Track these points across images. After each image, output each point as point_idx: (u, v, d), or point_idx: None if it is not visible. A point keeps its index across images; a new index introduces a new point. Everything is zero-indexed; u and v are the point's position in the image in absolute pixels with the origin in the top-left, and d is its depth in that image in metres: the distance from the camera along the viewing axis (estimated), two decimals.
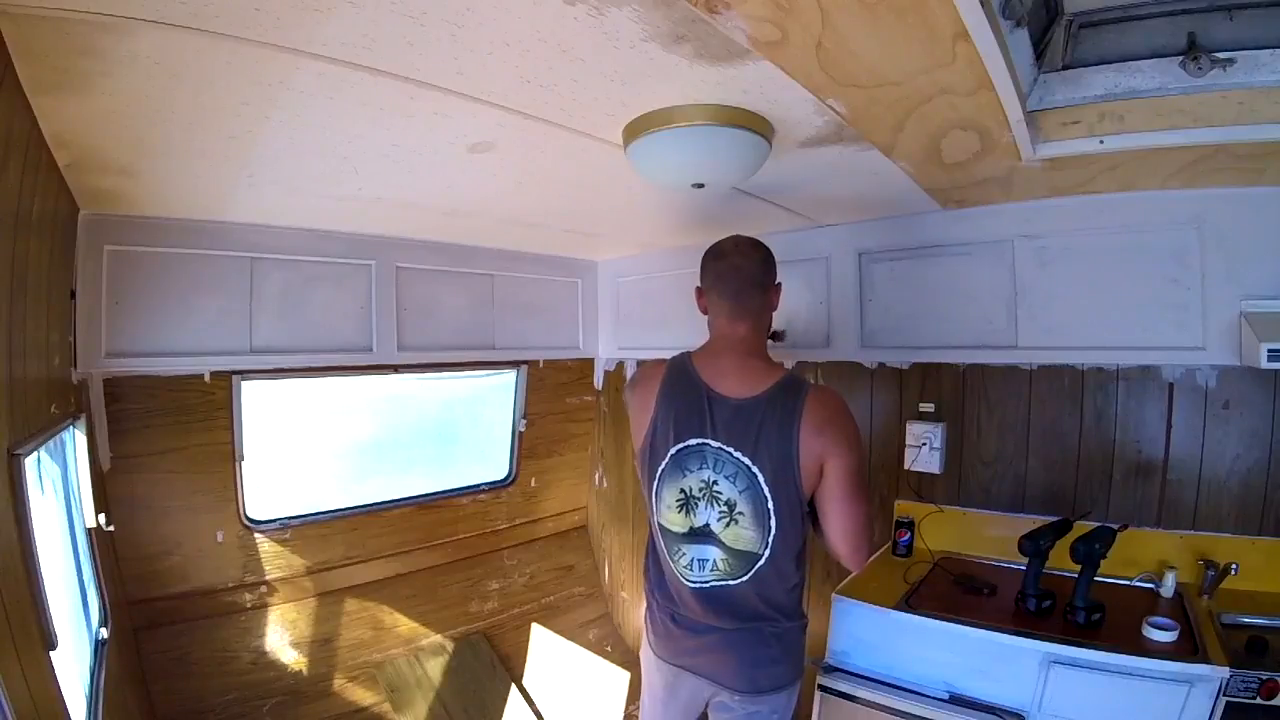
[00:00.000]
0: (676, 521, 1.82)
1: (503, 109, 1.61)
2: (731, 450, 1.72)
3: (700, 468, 1.76)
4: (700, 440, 1.75)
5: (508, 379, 3.89)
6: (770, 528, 1.71)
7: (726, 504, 1.74)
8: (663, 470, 1.81)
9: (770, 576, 1.76)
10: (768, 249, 1.86)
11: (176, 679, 2.68)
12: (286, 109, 1.59)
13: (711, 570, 1.79)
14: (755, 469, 1.70)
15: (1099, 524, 2.35)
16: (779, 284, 1.87)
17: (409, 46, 1.29)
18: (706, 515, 1.77)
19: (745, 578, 1.76)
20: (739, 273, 1.81)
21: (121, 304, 2.49)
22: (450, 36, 1.26)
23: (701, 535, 1.78)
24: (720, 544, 1.77)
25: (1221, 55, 1.71)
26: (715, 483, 1.75)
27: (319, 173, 2.12)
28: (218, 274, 2.70)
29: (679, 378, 1.82)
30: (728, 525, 1.75)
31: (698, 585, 1.82)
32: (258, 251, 2.77)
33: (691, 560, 1.81)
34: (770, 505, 1.70)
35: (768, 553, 1.73)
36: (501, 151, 1.94)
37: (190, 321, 2.65)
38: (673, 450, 1.79)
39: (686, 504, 1.79)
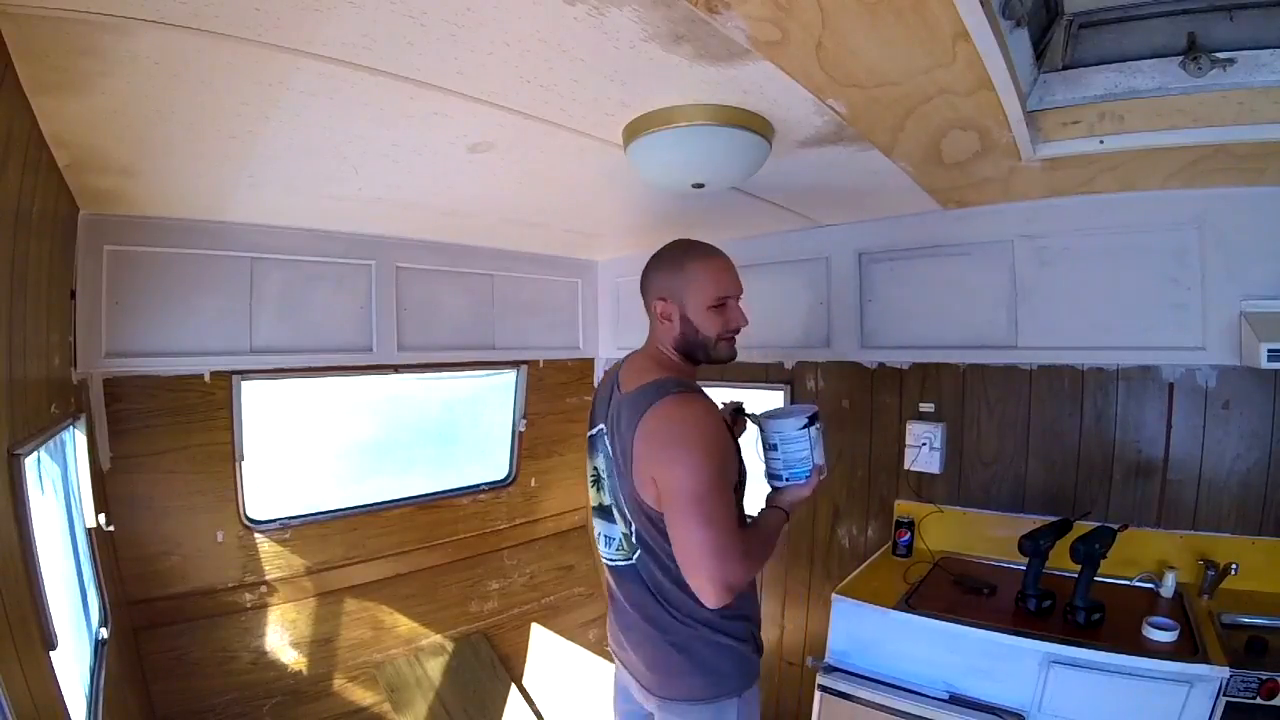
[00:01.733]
0: (593, 496, 1.89)
1: (503, 109, 1.62)
2: (606, 440, 1.77)
3: (595, 452, 1.84)
4: (598, 427, 1.83)
5: (508, 379, 3.89)
6: (629, 520, 1.73)
7: (609, 489, 1.79)
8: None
9: (650, 564, 1.74)
10: (663, 257, 1.78)
11: (177, 679, 2.67)
12: (287, 109, 1.59)
13: (617, 549, 1.81)
14: (615, 462, 1.73)
15: (1099, 524, 2.36)
16: (663, 300, 1.75)
17: (409, 46, 1.30)
18: (603, 495, 1.83)
19: (634, 559, 1.77)
20: (643, 278, 1.83)
21: (121, 304, 2.49)
22: (450, 36, 1.26)
23: (606, 512, 1.82)
24: (619, 522, 1.79)
25: (1222, 55, 1.71)
26: (601, 467, 1.81)
27: (319, 173, 2.12)
28: (218, 274, 2.70)
29: (613, 369, 1.90)
30: (614, 509, 1.79)
31: (609, 562, 1.86)
32: (258, 251, 2.77)
33: (601, 534, 1.87)
34: (623, 498, 1.73)
35: (637, 544, 1.74)
36: (501, 151, 1.95)
37: (190, 321, 2.66)
38: (589, 432, 1.89)
39: (596, 480, 1.86)
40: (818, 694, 2.43)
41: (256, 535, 2.93)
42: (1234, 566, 2.34)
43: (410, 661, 3.33)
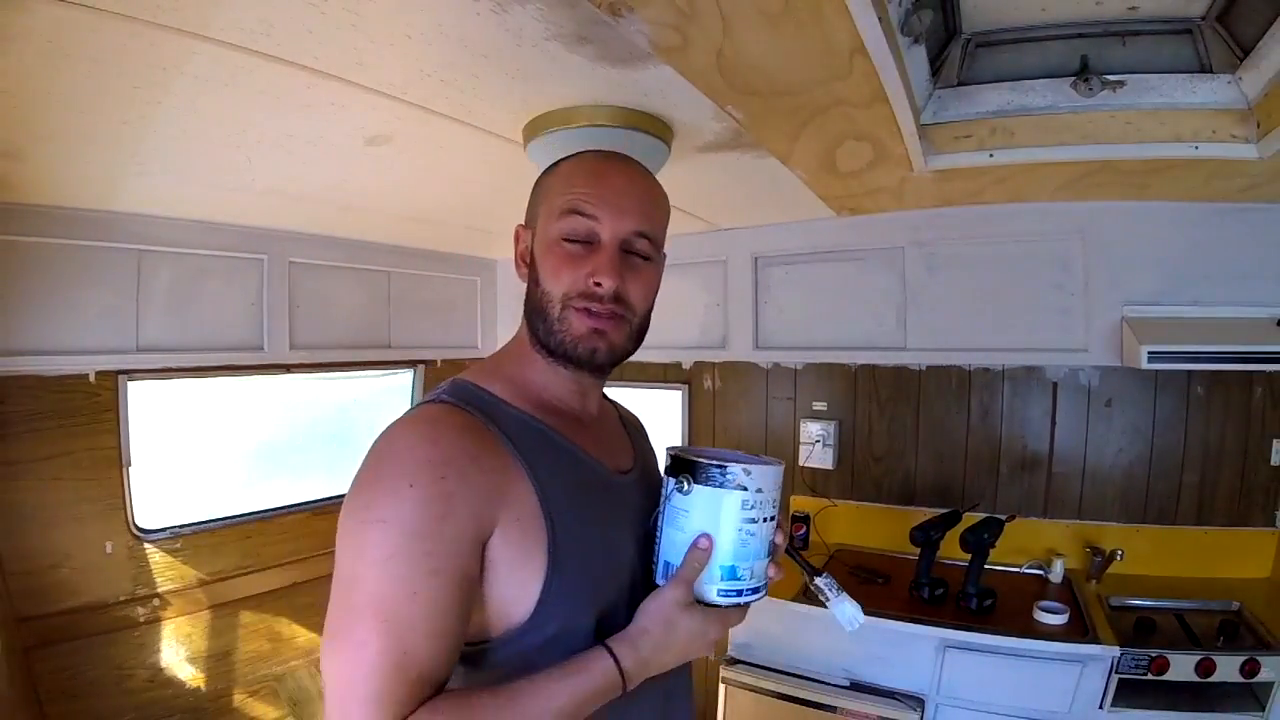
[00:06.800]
0: None
1: (402, 102, 1.58)
2: None
3: None
4: None
5: (404, 380, 3.80)
6: None
7: None
8: None
9: None
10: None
11: (72, 700, 2.51)
12: (180, 94, 1.52)
13: None
14: None
15: (987, 515, 2.48)
16: (521, 225, 1.10)
17: (308, 34, 1.26)
18: None
19: None
20: None
21: (0, 298, 2.34)
22: (351, 26, 1.23)
23: None
24: None
25: (1113, 77, 1.82)
26: None
27: (211, 162, 2.03)
28: (103, 267, 2.55)
29: None
30: None
31: None
32: (146, 244, 2.63)
33: None
34: None
35: None
36: (400, 145, 1.91)
37: (74, 317, 2.50)
38: None
39: None
40: (721, 686, 2.48)
41: (147, 545, 2.77)
42: (1120, 553, 2.49)
43: (312, 674, 3.22)
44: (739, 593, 0.93)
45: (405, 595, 0.76)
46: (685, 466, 0.93)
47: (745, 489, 0.91)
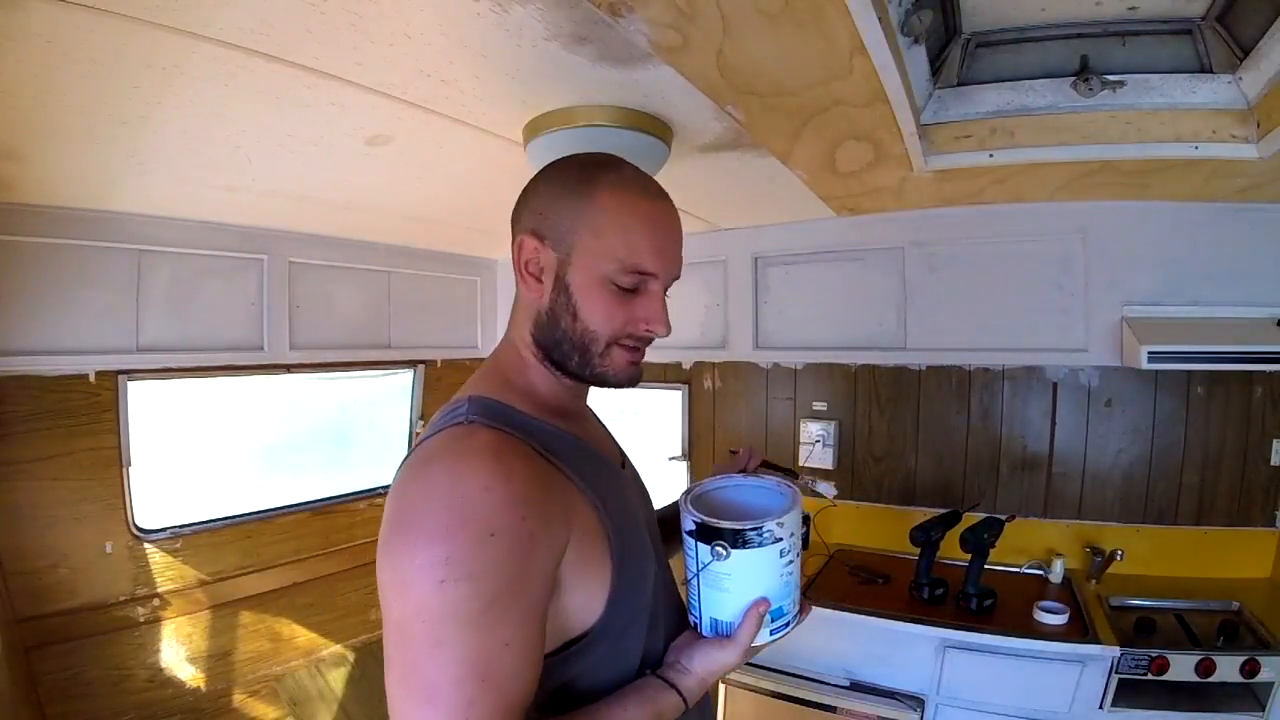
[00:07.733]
0: None
1: (402, 102, 1.59)
2: None
3: None
4: None
5: (404, 380, 3.80)
6: None
7: None
8: None
9: None
10: (560, 168, 1.03)
11: (72, 700, 2.52)
12: (180, 94, 1.52)
13: None
14: None
15: (987, 515, 2.47)
16: (534, 235, 0.97)
17: (308, 34, 1.26)
18: None
19: None
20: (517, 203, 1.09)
21: (1, 297, 2.34)
22: (350, 26, 1.23)
23: None
24: None
25: (1112, 77, 1.82)
26: None
27: (211, 162, 2.03)
28: (103, 267, 2.55)
29: None
30: None
31: None
32: (145, 244, 2.63)
33: None
34: None
35: None
36: (400, 145, 1.91)
37: (73, 317, 2.50)
38: None
39: None
40: (721, 687, 2.47)
41: (147, 545, 2.77)
42: (1120, 553, 2.49)
43: (312, 673, 3.22)
44: (786, 625, 0.96)
45: (500, 647, 0.76)
46: (719, 534, 0.91)
47: (780, 539, 0.91)
